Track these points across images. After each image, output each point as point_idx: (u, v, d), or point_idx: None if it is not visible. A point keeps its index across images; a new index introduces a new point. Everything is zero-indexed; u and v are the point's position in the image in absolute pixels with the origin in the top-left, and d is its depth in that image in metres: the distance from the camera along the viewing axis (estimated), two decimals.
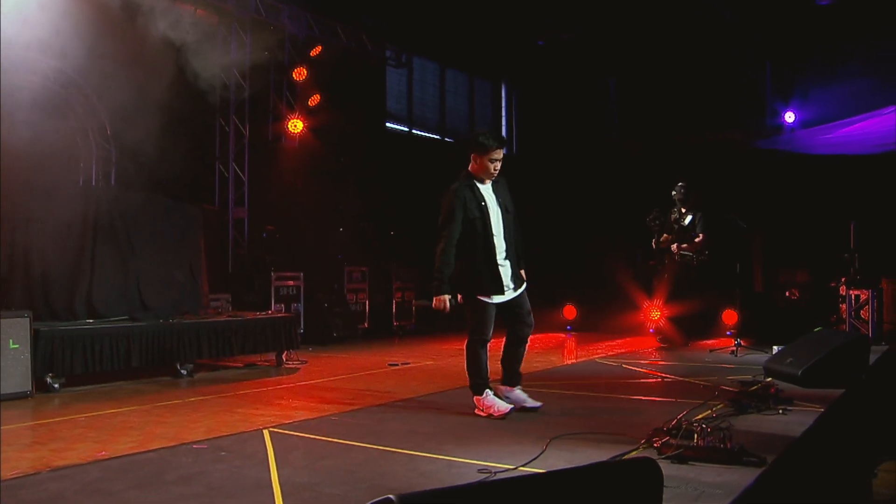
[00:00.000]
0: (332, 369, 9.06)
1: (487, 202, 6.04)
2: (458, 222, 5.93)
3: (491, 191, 6.10)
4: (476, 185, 6.05)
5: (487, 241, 5.97)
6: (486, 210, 6.02)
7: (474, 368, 6.07)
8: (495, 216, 6.04)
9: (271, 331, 9.09)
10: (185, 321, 8.32)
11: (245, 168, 12.57)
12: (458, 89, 18.34)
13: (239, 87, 12.49)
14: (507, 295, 6.05)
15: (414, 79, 16.93)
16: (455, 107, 18.21)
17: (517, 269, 6.13)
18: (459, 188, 6.02)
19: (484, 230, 5.97)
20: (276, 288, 11.50)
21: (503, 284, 5.99)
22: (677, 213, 10.96)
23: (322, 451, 4.97)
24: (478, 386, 6.08)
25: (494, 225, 6.02)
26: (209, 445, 5.14)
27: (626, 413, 6.15)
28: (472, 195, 6.00)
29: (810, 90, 15.69)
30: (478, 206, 5.99)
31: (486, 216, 5.99)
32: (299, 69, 12.86)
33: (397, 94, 16.38)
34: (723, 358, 9.57)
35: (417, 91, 17.08)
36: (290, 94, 13.17)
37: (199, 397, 7.12)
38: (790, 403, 6.12)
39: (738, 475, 4.20)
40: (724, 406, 6.10)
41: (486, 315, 6.02)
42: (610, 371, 8.66)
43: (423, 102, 17.24)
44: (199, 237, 9.44)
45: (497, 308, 6.08)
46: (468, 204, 5.96)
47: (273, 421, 5.97)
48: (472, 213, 5.96)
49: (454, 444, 5.09)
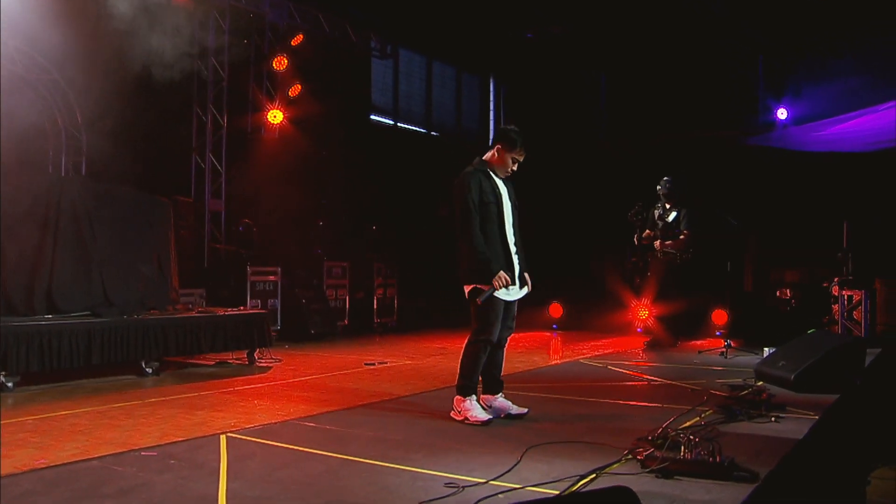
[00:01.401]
0: (305, 368, 8.67)
1: (501, 191, 5.68)
2: (475, 202, 5.51)
3: (503, 185, 5.75)
4: (490, 173, 5.68)
5: (502, 228, 5.60)
6: (501, 198, 5.64)
7: (469, 369, 5.66)
8: (508, 208, 5.68)
9: (243, 328, 8.70)
10: (150, 317, 7.91)
11: (222, 159, 12.16)
12: (445, 83, 17.96)
13: (217, 75, 12.08)
14: (513, 293, 5.68)
15: (400, 71, 16.55)
16: (442, 100, 17.83)
17: (523, 267, 5.77)
18: (474, 172, 5.65)
19: (499, 217, 5.59)
20: (252, 283, 11.09)
21: (515, 276, 5.62)
22: (661, 209, 10.60)
23: (280, 460, 4.58)
24: (465, 388, 5.67)
25: (507, 217, 5.65)
26: (159, 452, 4.74)
27: (610, 419, 5.78)
28: (487, 181, 5.62)
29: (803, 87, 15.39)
30: (492, 191, 5.61)
31: (500, 204, 5.61)
32: (279, 58, 12.45)
33: (382, 87, 15.98)
34: (712, 360, 9.21)
35: (403, 84, 16.68)
36: (269, 83, 12.76)
37: (160, 398, 6.72)
38: (783, 410, 5.75)
39: (728, 492, 3.82)
40: (713, 412, 5.73)
41: (495, 311, 5.60)
42: (594, 373, 8.29)
43: (409, 95, 16.85)
44: (169, 230, 9.02)
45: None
46: (483, 187, 5.57)
47: (233, 425, 5.58)
48: (488, 196, 5.57)
49: (424, 453, 4.71)
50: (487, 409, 5.76)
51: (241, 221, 11.53)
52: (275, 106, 12.50)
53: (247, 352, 8.92)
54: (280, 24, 12.54)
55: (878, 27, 13.40)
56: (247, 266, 11.05)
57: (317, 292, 11.95)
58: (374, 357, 9.49)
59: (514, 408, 5.76)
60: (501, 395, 5.86)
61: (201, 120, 12.03)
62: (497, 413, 5.74)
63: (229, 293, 10.90)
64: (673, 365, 8.83)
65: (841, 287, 10.66)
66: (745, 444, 4.73)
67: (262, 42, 12.57)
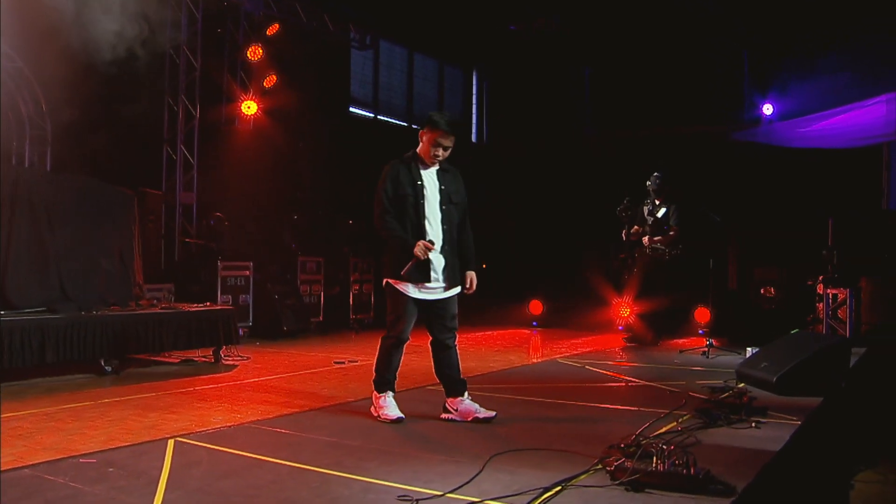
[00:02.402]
0: (272, 367, 8.36)
1: (425, 182, 5.39)
2: (388, 194, 5.32)
3: (434, 175, 5.45)
4: (416, 164, 5.42)
5: (418, 224, 5.33)
6: (421, 190, 5.36)
7: (382, 364, 5.50)
8: (432, 201, 5.38)
9: (207, 324, 8.37)
10: (110, 314, 7.56)
11: (194, 151, 11.78)
12: (426, 75, 17.66)
13: (189, 65, 11.70)
14: (432, 292, 5.40)
15: (380, 63, 16.21)
16: (423, 93, 17.53)
17: (454, 267, 5.47)
18: (394, 163, 5.43)
19: (415, 211, 5.33)
20: (223, 278, 10.74)
21: (428, 273, 5.33)
22: (650, 205, 10.44)
23: (226, 468, 4.26)
24: (380, 384, 5.51)
25: (429, 209, 5.37)
26: (98, 459, 4.41)
27: (583, 423, 5.48)
28: (408, 172, 5.37)
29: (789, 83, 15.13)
30: (412, 183, 5.35)
31: (419, 195, 5.35)
32: (254, 48, 12.08)
33: (362, 78, 15.64)
34: (693, 360, 8.93)
35: (384, 76, 16.36)
36: (244, 74, 12.39)
37: (114, 398, 6.39)
38: (764, 414, 5.46)
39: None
40: (691, 417, 5.43)
41: (406, 309, 5.38)
42: (571, 373, 7.99)
43: (389, 88, 16.53)
44: (133, 223, 8.66)
45: (419, 307, 5.43)
46: (400, 178, 5.34)
47: (185, 428, 5.26)
48: (404, 188, 5.33)
49: (380, 461, 4.40)
50: (453, 412, 5.49)
51: (213, 215, 11.17)
52: (249, 97, 12.13)
53: (213, 349, 8.57)
54: (255, 13, 12.18)
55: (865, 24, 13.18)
56: (217, 261, 10.69)
57: (290, 288, 11.62)
58: (345, 355, 9.18)
59: (481, 411, 5.46)
60: (467, 398, 5.56)
61: (173, 110, 11.67)
62: (462, 417, 5.46)
63: (200, 288, 10.55)
64: (653, 365, 8.55)
65: (826, 285, 10.40)
66: (723, 452, 4.44)
67: (237, 31, 12.22)
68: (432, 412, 5.63)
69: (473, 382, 7.22)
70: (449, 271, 5.41)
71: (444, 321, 5.48)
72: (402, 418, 5.40)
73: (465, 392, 5.57)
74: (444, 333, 5.50)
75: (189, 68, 11.68)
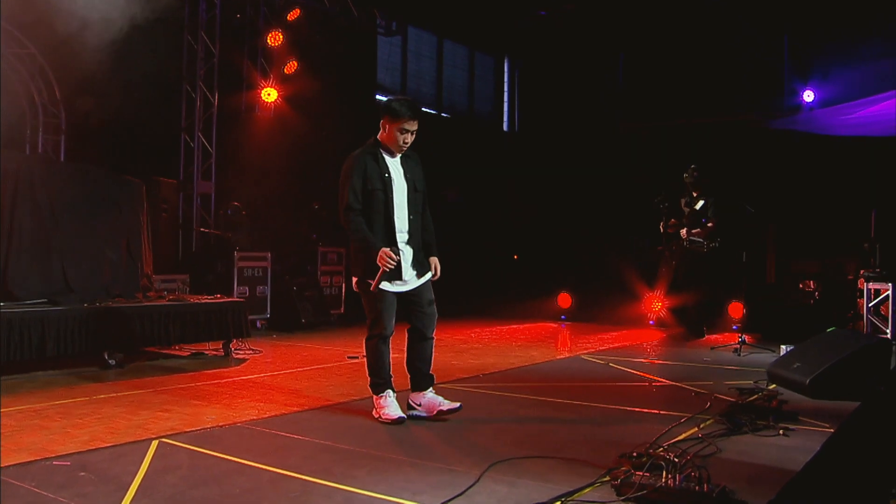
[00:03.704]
0: (283, 361, 8.08)
1: (392, 174, 5.15)
2: (356, 190, 5.05)
3: (399, 164, 5.22)
4: (382, 154, 5.16)
5: (388, 218, 5.11)
6: (390, 183, 5.12)
7: (374, 367, 5.28)
8: (400, 192, 5.17)
9: (216, 317, 8.10)
10: (113, 305, 7.32)
11: (213, 139, 11.53)
12: (456, 62, 17.27)
13: (207, 51, 11.44)
14: (406, 283, 5.17)
15: (409, 50, 15.87)
16: (453, 81, 17.15)
17: (420, 254, 5.27)
18: (360, 154, 5.15)
19: (385, 206, 5.10)
20: (240, 269, 10.49)
21: (401, 269, 5.10)
22: (688, 197, 10.21)
23: (204, 474, 3.98)
24: (375, 386, 5.30)
25: (397, 202, 5.15)
26: (73, 462, 4.16)
27: (598, 428, 5.11)
28: (375, 164, 5.12)
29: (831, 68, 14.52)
30: (380, 177, 5.10)
31: (388, 189, 5.11)
32: (274, 33, 11.79)
33: (389, 66, 15.29)
34: (724, 357, 8.49)
35: (412, 63, 16.01)
36: (264, 60, 12.11)
37: (110, 394, 6.14)
38: (794, 420, 5.05)
39: None
40: (714, 422, 5.03)
41: (383, 305, 5.15)
42: (594, 371, 7.60)
43: (418, 75, 16.18)
44: (141, 212, 8.41)
45: (396, 298, 5.20)
46: (369, 172, 5.08)
47: (174, 428, 4.99)
48: (373, 183, 5.08)
49: (370, 467, 4.08)
50: (417, 406, 5.28)
51: (230, 204, 10.93)
52: (269, 84, 11.86)
53: (222, 343, 8.32)
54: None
55: None
56: (234, 251, 10.44)
57: (309, 279, 11.35)
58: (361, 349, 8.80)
59: (444, 403, 5.24)
60: (431, 391, 5.31)
61: (191, 97, 11.41)
62: (427, 411, 5.24)
63: (215, 280, 10.32)
64: (681, 363, 8.14)
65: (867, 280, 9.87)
66: (745, 464, 4.05)
67: (257, 16, 11.95)
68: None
69: (489, 380, 6.98)
70: (416, 263, 5.23)
71: (422, 308, 5.27)
72: (403, 418, 5.16)
73: (431, 387, 5.34)
74: (422, 321, 5.30)
75: (207, 55, 11.43)
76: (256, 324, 10.62)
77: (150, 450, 4.39)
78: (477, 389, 6.43)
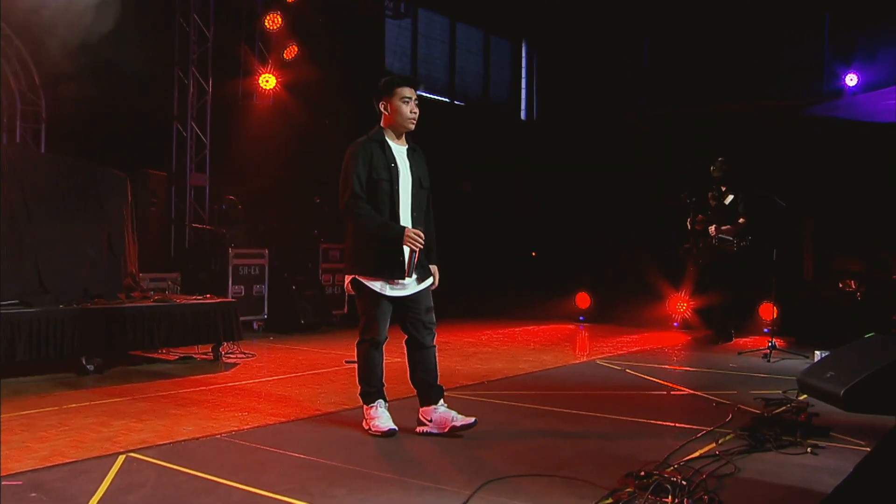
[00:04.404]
0: (277, 366, 7.95)
1: (399, 165, 4.97)
2: (360, 179, 4.87)
3: (405, 156, 5.04)
4: (388, 142, 4.98)
5: (393, 211, 4.93)
6: (397, 173, 4.94)
7: (364, 374, 5.10)
8: (406, 185, 4.98)
9: (205, 319, 7.96)
10: (91, 307, 7.20)
11: (207, 129, 11.41)
12: (470, 47, 17.09)
13: (201, 35, 11.31)
14: (403, 287, 4.98)
15: (419, 33, 15.70)
16: (467, 67, 16.98)
17: (423, 257, 5.04)
18: (366, 141, 4.99)
19: (391, 198, 4.92)
20: (235, 267, 10.37)
21: (404, 267, 4.91)
22: (717, 192, 10.01)
23: (169, 493, 3.84)
24: (366, 395, 5.11)
25: (403, 195, 4.95)
26: (26, 481, 4.02)
27: (605, 442, 4.92)
28: (382, 153, 4.94)
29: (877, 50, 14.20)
30: (386, 166, 4.91)
31: (394, 179, 4.92)
32: (272, 16, 11.64)
33: (398, 50, 15.13)
34: (751, 363, 8.27)
35: (423, 47, 15.85)
36: (262, 44, 11.97)
37: (83, 403, 6.01)
38: (825, 436, 4.85)
39: None
40: (734, 437, 4.83)
41: (379, 309, 4.98)
42: (608, 377, 7.41)
43: (429, 61, 16.01)
44: (125, 207, 8.28)
45: (392, 304, 5.01)
46: (374, 161, 4.90)
47: (145, 441, 4.85)
48: (379, 172, 4.89)
49: (351, 486, 3.92)
50: (428, 423, 5.02)
51: (225, 198, 10.81)
52: (267, 70, 11.72)
53: (212, 346, 8.19)
54: None
55: None
56: (229, 248, 10.32)
57: (310, 277, 11.21)
58: None
59: (458, 419, 4.96)
60: (442, 405, 5.06)
61: (183, 84, 11.30)
62: (439, 428, 4.98)
63: (209, 278, 10.21)
64: (704, 369, 7.94)
65: None
66: (765, 486, 3.86)
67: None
68: None
69: (494, 387, 6.81)
70: (419, 266, 5.02)
71: (419, 315, 5.06)
72: (394, 430, 4.97)
73: (441, 399, 5.09)
74: (419, 329, 5.07)
75: (201, 38, 11.31)
76: (253, 325, 10.52)
77: (114, 466, 4.26)
78: (479, 398, 6.26)
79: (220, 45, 11.46)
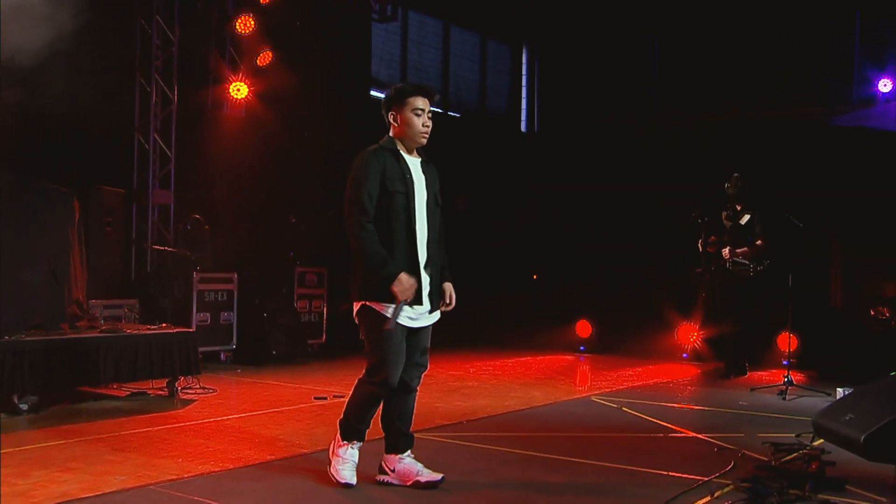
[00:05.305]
0: (238, 403, 7.77)
1: (414, 177, 4.75)
2: (371, 194, 4.61)
3: (420, 168, 4.83)
4: (401, 153, 4.76)
5: (410, 229, 4.68)
6: (412, 186, 4.72)
7: (356, 414, 4.81)
8: (421, 201, 4.76)
9: (159, 351, 7.74)
10: (25, 339, 6.98)
11: (172, 142, 11.25)
12: (465, 52, 17.00)
13: (165, 38, 11.18)
14: (419, 318, 4.73)
15: (409, 38, 15.62)
16: (462, 74, 16.90)
17: (437, 284, 4.82)
18: (378, 150, 4.75)
19: (406, 213, 4.67)
20: (200, 293, 10.18)
21: (422, 294, 4.67)
22: (731, 211, 9.92)
23: None
24: (348, 431, 4.82)
25: (419, 211, 4.73)
26: None
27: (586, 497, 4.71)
28: (396, 163, 4.71)
29: None
30: (401, 178, 4.69)
31: (410, 193, 4.69)
32: (244, 19, 11.50)
33: (386, 56, 15.02)
34: (764, 401, 8.07)
35: (413, 54, 15.77)
36: (233, 50, 11.85)
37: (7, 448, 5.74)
38: (840, 490, 4.63)
39: None
40: (733, 489, 4.60)
41: (395, 343, 4.64)
42: (602, 417, 7.21)
43: (420, 67, 15.92)
44: (71, 228, 8.05)
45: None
46: (388, 172, 4.66)
47: (67, 493, 4.63)
48: (394, 184, 4.66)
49: None
50: (390, 472, 4.80)
51: (191, 217, 10.64)
52: (239, 77, 11.57)
53: (167, 381, 7.98)
54: None
55: None
56: (194, 272, 10.14)
57: (284, 304, 11.01)
58: (334, 388, 8.48)
59: (423, 473, 4.75)
60: (409, 455, 4.84)
61: (145, 92, 11.12)
62: (401, 480, 4.76)
63: (171, 305, 10.03)
64: (710, 408, 7.76)
65: None
66: None
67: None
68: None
69: (474, 427, 6.62)
70: (433, 293, 4.80)
71: (413, 356, 4.80)
72: (351, 485, 4.72)
73: (409, 450, 4.86)
74: (409, 371, 4.79)
75: (165, 42, 11.15)
76: (220, 356, 10.34)
77: None
78: (454, 440, 6.07)
79: (186, 50, 11.32)
